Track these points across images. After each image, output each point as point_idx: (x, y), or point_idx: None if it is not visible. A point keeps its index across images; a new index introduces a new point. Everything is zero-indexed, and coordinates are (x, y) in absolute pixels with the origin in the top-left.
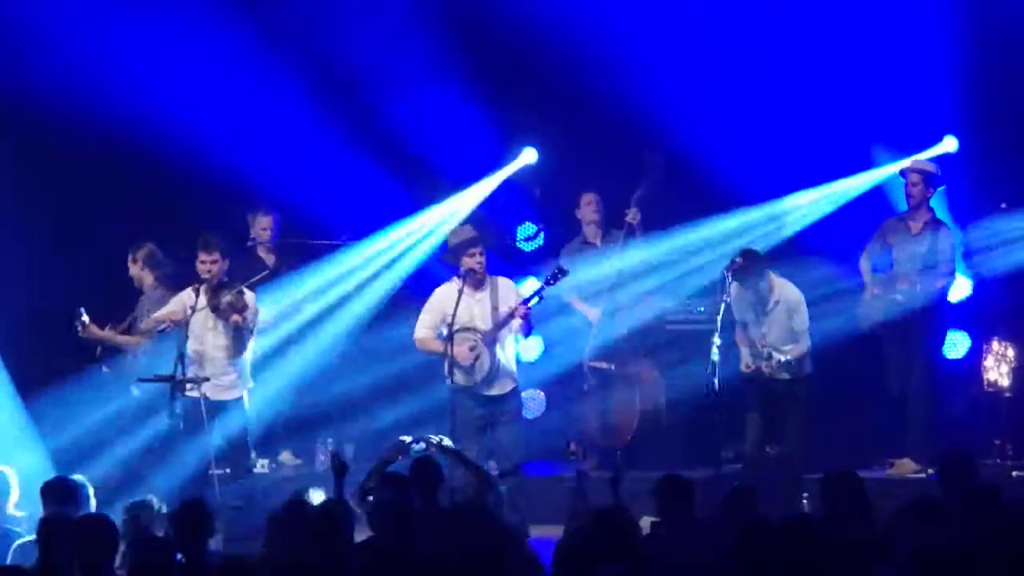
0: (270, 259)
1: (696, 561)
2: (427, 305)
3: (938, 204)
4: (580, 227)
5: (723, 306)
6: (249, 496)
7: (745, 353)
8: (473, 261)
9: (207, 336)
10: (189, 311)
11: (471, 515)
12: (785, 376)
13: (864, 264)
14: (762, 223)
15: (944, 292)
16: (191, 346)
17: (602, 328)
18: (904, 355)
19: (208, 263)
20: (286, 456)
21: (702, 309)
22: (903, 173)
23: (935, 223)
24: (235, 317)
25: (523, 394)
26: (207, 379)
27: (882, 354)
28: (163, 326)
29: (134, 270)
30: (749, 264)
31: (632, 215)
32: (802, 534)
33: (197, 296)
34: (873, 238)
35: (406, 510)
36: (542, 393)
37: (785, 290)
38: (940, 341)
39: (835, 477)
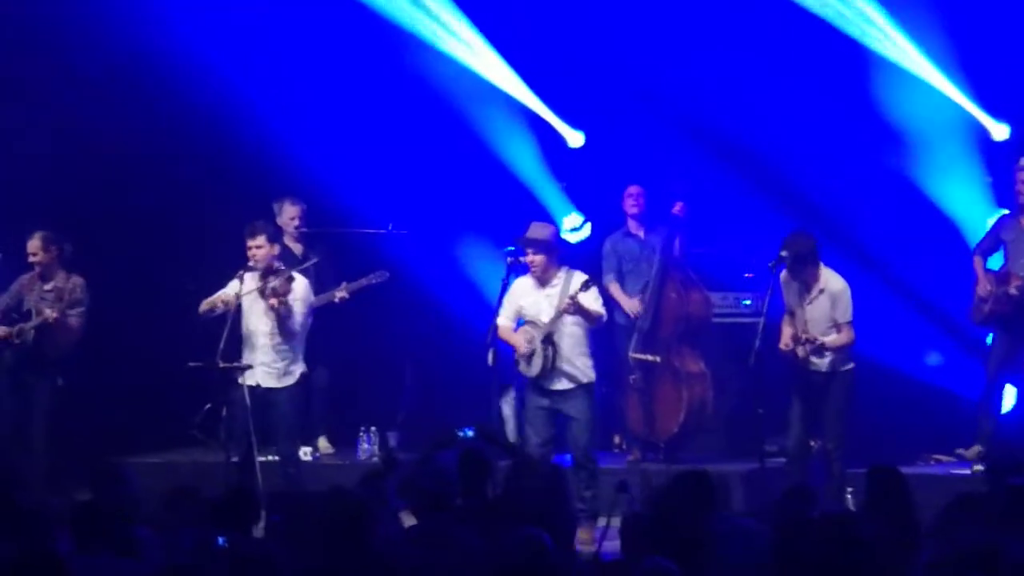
0: (297, 248)
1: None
2: (507, 295)
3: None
4: (624, 219)
5: (768, 298)
6: (293, 484)
7: (786, 334)
8: (528, 259)
9: (255, 322)
10: (235, 297)
11: (512, 508)
12: (822, 367)
13: (977, 260)
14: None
15: None
16: (243, 332)
17: (647, 319)
18: (1008, 347)
19: (253, 248)
20: (323, 443)
21: (747, 302)
22: (1013, 172)
23: None
24: (272, 301)
25: None
26: (251, 366)
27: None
28: (218, 310)
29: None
30: (798, 251)
31: (678, 207)
32: (842, 531)
33: (242, 282)
34: (986, 235)
35: (449, 501)
36: None
37: (831, 280)
38: None
39: (878, 472)
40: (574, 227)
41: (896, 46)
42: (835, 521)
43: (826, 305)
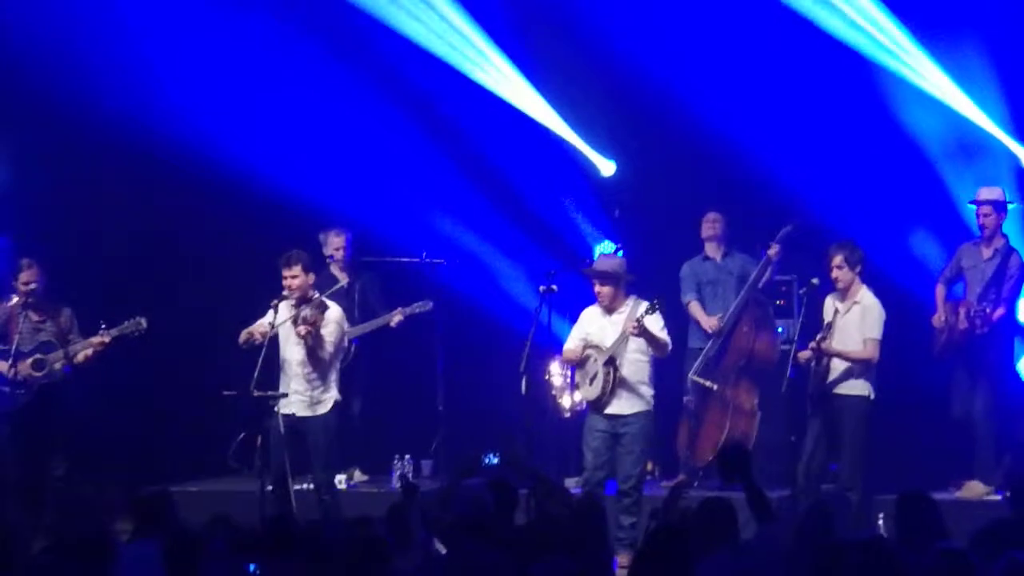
0: (343, 277)
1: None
2: (576, 322)
3: (1013, 226)
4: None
5: (799, 324)
6: (329, 512)
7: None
8: (596, 290)
9: (290, 351)
10: (269, 327)
11: (542, 536)
12: (838, 389)
13: (939, 289)
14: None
15: (1008, 316)
16: (279, 360)
17: (715, 346)
18: (968, 377)
19: (288, 278)
20: (357, 473)
21: (779, 330)
22: (975, 204)
23: (1007, 249)
24: (301, 328)
25: None
26: (285, 395)
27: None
28: (255, 341)
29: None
30: (847, 258)
31: (774, 251)
32: (877, 555)
33: (275, 311)
34: (949, 263)
35: (480, 528)
36: None
37: (866, 295)
38: (1007, 361)
39: (909, 499)
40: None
41: (928, 76)
42: (869, 546)
43: (856, 317)
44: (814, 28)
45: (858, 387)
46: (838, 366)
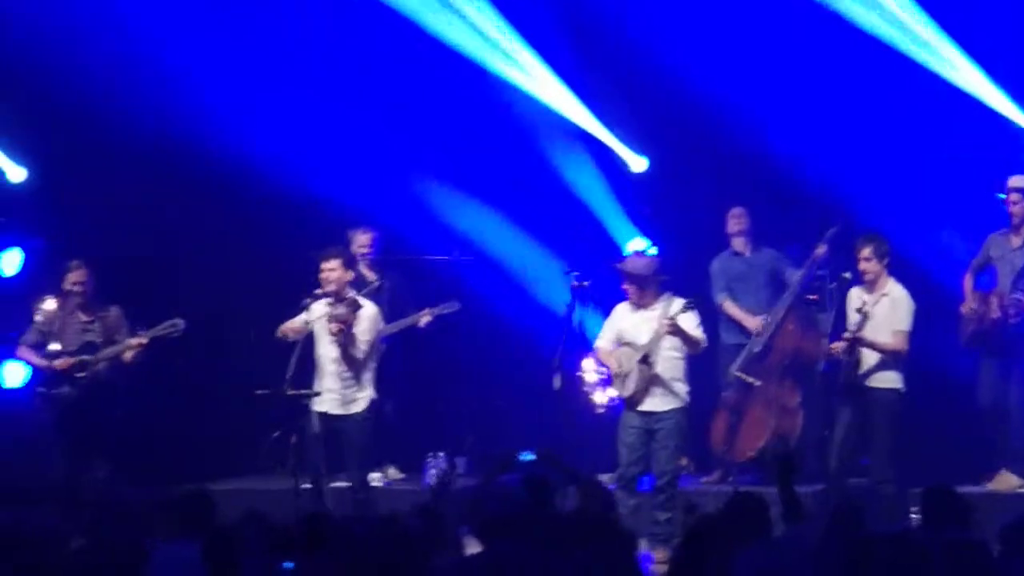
0: (371, 275)
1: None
2: (608, 319)
3: None
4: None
5: (832, 319)
6: (364, 510)
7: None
8: (624, 287)
9: (325, 348)
10: (303, 325)
11: (578, 530)
12: (867, 381)
13: (967, 279)
14: None
15: None
16: (315, 357)
17: (759, 342)
18: (1000, 366)
19: (326, 271)
20: (392, 471)
21: None
22: (1004, 192)
23: None
24: (332, 327)
25: None
26: (318, 393)
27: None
28: (290, 337)
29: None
30: (875, 250)
31: (821, 250)
32: (909, 550)
33: (307, 309)
34: (979, 253)
35: (515, 525)
36: None
37: (895, 288)
38: None
39: (934, 492)
40: (640, 251)
41: (959, 68)
42: (899, 539)
43: (887, 310)
44: (841, 20)
45: (890, 379)
46: (870, 358)
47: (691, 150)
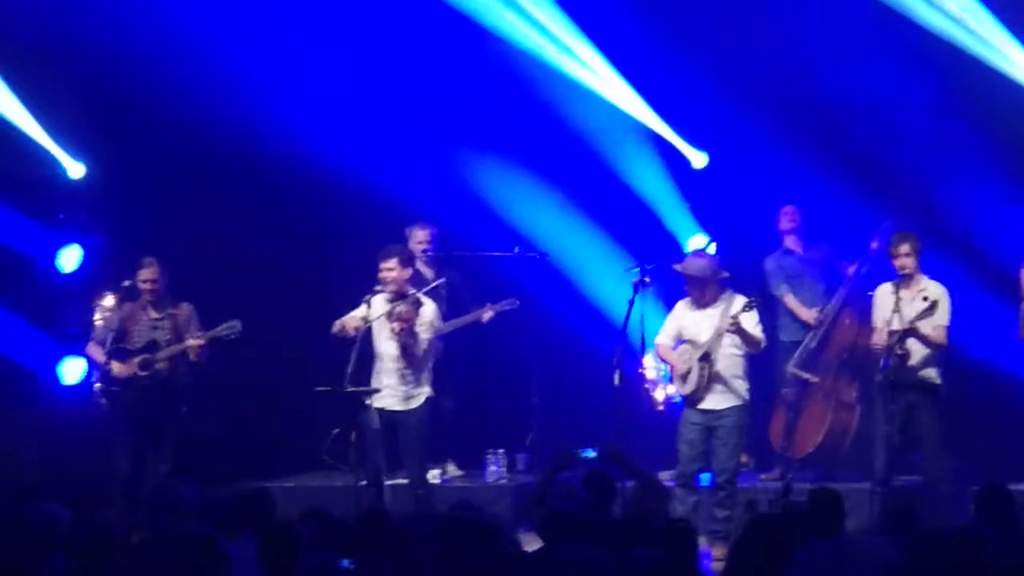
0: (429, 272)
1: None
2: (669, 315)
3: None
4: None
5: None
6: (423, 507)
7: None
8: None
9: (384, 345)
10: (362, 321)
11: (640, 527)
12: (914, 377)
13: (1023, 273)
14: None
15: None
16: (375, 354)
17: (815, 338)
18: None
19: (384, 270)
20: (451, 468)
21: None
22: None
23: None
24: (394, 326)
25: None
26: (378, 390)
27: None
28: (348, 334)
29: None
30: (914, 246)
31: (875, 245)
32: (972, 546)
33: (369, 305)
34: None
35: (577, 522)
36: None
37: (931, 284)
38: None
39: (986, 491)
40: (700, 247)
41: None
42: (960, 536)
43: (925, 306)
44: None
45: (935, 375)
46: (917, 355)
47: (752, 144)
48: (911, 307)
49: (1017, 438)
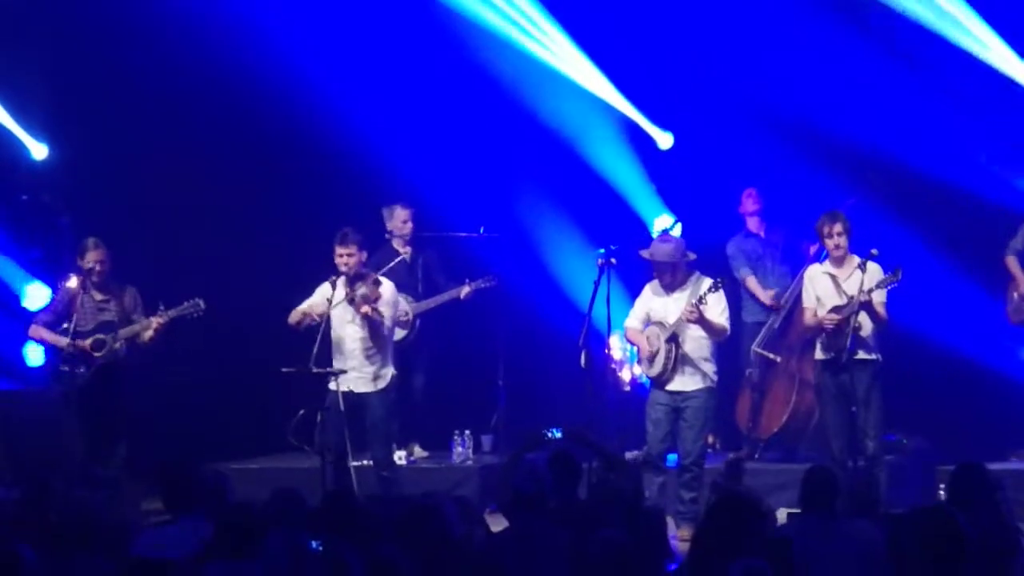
0: (407, 252)
1: (834, 556)
2: (638, 298)
3: None
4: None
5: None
6: (389, 489)
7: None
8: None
9: (346, 328)
10: (327, 304)
11: (605, 508)
12: (869, 354)
13: (1010, 261)
14: None
15: None
16: (333, 339)
17: (779, 319)
18: None
19: (344, 256)
20: (416, 450)
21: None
22: None
23: None
24: (364, 308)
25: None
26: (344, 371)
27: None
28: (307, 320)
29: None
30: (846, 226)
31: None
32: (944, 525)
33: (334, 289)
34: (1019, 234)
35: (542, 502)
36: None
37: (867, 262)
38: None
39: (963, 470)
40: (665, 228)
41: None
42: (930, 514)
43: (861, 284)
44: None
45: (878, 351)
46: (866, 333)
47: (717, 125)
48: (850, 283)
49: (978, 416)
